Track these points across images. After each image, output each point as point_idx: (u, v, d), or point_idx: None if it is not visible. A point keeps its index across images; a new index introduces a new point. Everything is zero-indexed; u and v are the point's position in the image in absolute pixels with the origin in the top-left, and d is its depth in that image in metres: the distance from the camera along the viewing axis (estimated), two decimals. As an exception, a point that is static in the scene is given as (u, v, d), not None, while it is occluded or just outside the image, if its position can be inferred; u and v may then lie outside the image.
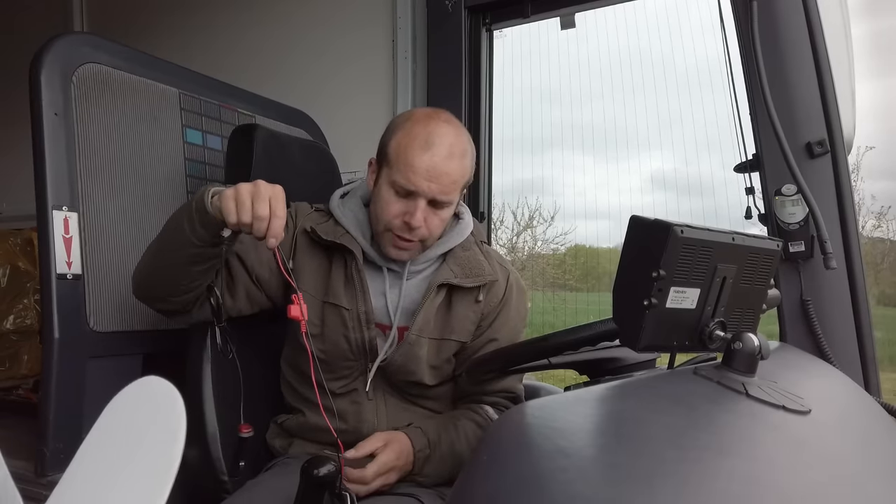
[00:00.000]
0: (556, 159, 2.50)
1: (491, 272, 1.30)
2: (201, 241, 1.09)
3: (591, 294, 4.32)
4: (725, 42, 1.52)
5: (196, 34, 2.52)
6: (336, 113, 2.15)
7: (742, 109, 1.50)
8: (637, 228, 0.76)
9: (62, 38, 1.42)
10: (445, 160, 1.17)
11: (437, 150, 1.17)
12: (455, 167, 1.19)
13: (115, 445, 0.61)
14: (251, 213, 1.01)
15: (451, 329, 1.28)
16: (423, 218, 1.19)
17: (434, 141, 1.18)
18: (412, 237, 1.21)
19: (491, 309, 1.31)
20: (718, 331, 0.79)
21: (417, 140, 1.18)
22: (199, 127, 1.73)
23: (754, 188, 1.49)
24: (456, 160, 1.19)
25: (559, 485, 0.52)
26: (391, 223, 1.21)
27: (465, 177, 1.23)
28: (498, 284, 1.32)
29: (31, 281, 2.22)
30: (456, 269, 1.27)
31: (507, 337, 1.32)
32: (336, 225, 1.29)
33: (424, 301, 1.25)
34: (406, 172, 1.17)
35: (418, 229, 1.19)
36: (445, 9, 1.93)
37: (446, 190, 1.19)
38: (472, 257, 1.30)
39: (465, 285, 1.26)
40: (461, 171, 1.21)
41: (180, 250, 1.11)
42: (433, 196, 1.18)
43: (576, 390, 0.89)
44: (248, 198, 1.01)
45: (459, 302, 1.28)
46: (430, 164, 1.16)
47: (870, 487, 0.62)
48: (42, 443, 1.35)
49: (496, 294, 1.31)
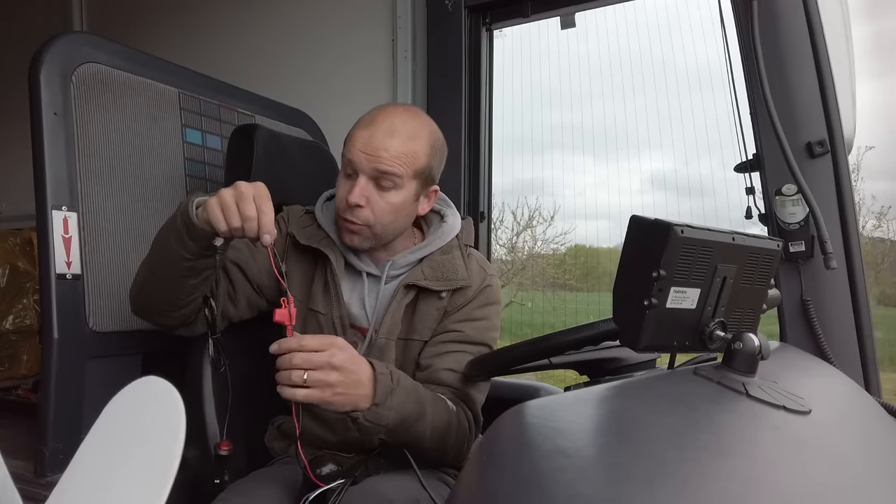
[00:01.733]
0: (556, 159, 2.50)
1: (464, 277, 1.27)
2: (193, 254, 1.08)
3: (591, 294, 4.32)
4: (725, 42, 1.52)
5: (196, 34, 2.52)
6: (336, 113, 2.15)
7: (742, 109, 1.50)
8: (637, 228, 0.76)
9: (62, 38, 1.42)
10: (384, 135, 1.16)
11: (377, 126, 1.18)
12: (396, 144, 1.16)
13: (115, 445, 0.61)
14: (238, 215, 1.00)
15: (414, 329, 1.27)
16: (361, 195, 1.17)
17: (376, 119, 1.19)
18: (353, 218, 1.19)
19: (455, 307, 1.27)
20: (719, 331, 0.79)
21: (363, 119, 1.21)
22: (198, 127, 1.73)
23: (754, 188, 1.49)
24: (398, 138, 1.17)
25: (559, 485, 0.51)
26: (339, 205, 1.21)
27: (411, 157, 1.18)
28: (470, 289, 1.28)
29: (30, 281, 2.22)
30: (427, 272, 1.25)
31: (473, 333, 1.26)
32: (319, 228, 1.29)
33: (391, 303, 1.24)
34: (347, 149, 1.19)
35: (358, 209, 1.18)
36: (445, 8, 1.93)
37: (383, 165, 1.15)
38: (449, 262, 1.27)
39: (431, 288, 1.24)
40: (404, 148, 1.17)
41: (173, 266, 1.10)
42: (370, 171, 1.16)
43: (576, 390, 0.89)
44: (233, 201, 1.00)
45: (424, 302, 1.26)
46: (367, 138, 1.17)
47: (870, 487, 0.62)
48: (41, 443, 1.35)
49: (464, 295, 1.27)
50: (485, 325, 1.28)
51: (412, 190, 1.22)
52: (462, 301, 1.27)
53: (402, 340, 1.27)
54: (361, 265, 1.28)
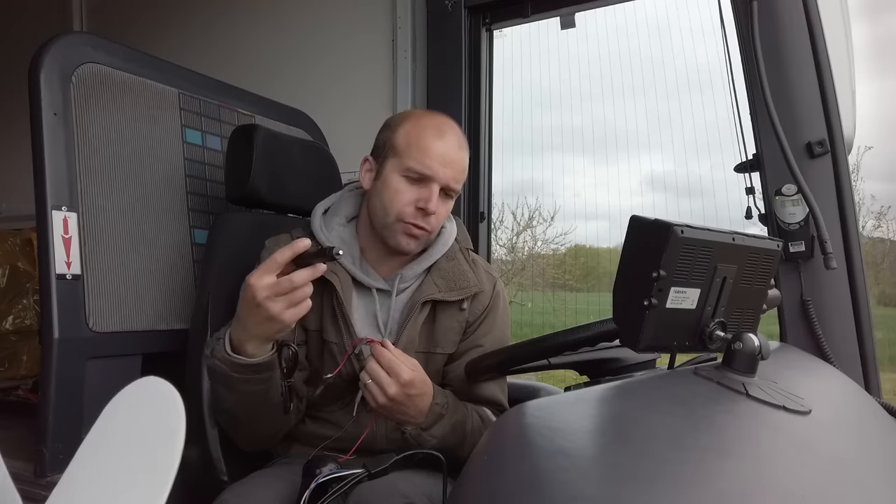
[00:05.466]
0: (556, 159, 2.50)
1: (476, 283, 1.29)
2: (266, 376, 1.08)
3: (591, 294, 4.32)
4: (725, 42, 1.52)
5: (195, 34, 2.52)
6: (336, 113, 2.15)
7: (742, 109, 1.49)
8: (637, 228, 0.76)
9: (62, 38, 1.42)
10: (457, 149, 1.23)
11: (449, 139, 1.22)
12: (464, 157, 1.25)
13: (115, 446, 0.61)
14: (285, 317, 1.00)
15: (435, 342, 1.27)
16: (437, 203, 1.20)
17: (445, 130, 1.23)
18: (425, 224, 1.21)
19: (476, 317, 1.30)
20: (718, 331, 0.79)
21: (429, 129, 1.22)
22: (198, 127, 1.73)
23: (754, 188, 1.49)
24: (464, 151, 1.26)
25: (559, 485, 0.51)
26: (403, 211, 1.20)
27: (467, 169, 1.27)
28: (483, 294, 1.30)
29: (30, 281, 2.22)
30: (440, 283, 1.26)
31: (492, 344, 1.29)
32: None
33: (408, 320, 1.23)
34: (422, 158, 1.19)
35: (432, 216, 1.21)
36: (445, 9, 1.93)
37: (458, 177, 1.23)
38: (457, 268, 1.29)
39: (449, 299, 1.25)
40: (466, 162, 1.26)
41: (259, 403, 1.11)
42: (447, 182, 1.20)
43: (576, 390, 0.89)
44: (268, 311, 0.99)
45: (443, 314, 1.27)
46: (444, 150, 1.20)
47: (870, 487, 0.62)
48: (41, 443, 1.34)
49: (481, 302, 1.30)
50: (501, 332, 1.34)
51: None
52: (480, 309, 1.30)
53: (422, 353, 1.26)
54: (371, 281, 1.26)
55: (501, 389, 1.33)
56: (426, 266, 1.28)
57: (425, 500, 1.02)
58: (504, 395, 1.34)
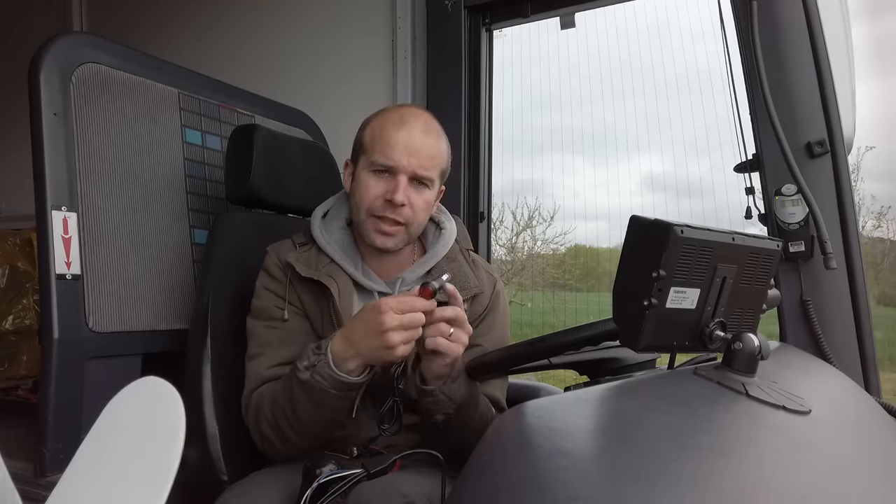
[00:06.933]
0: (556, 160, 2.50)
1: (476, 283, 1.29)
2: (355, 394, 1.12)
3: (591, 294, 4.32)
4: (725, 42, 1.52)
5: (195, 34, 2.52)
6: (336, 113, 2.14)
7: (742, 109, 1.50)
8: (637, 228, 0.76)
9: (61, 38, 1.42)
10: (422, 135, 1.20)
11: (412, 126, 1.20)
12: (432, 143, 1.21)
13: (115, 446, 0.61)
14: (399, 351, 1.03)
15: None
16: (405, 195, 1.18)
17: (408, 119, 1.21)
18: (396, 216, 1.19)
19: (476, 317, 1.29)
20: (718, 331, 0.79)
21: (391, 120, 1.21)
22: (198, 127, 1.73)
23: (754, 188, 1.49)
24: (432, 137, 1.22)
25: (559, 485, 0.51)
26: (372, 205, 1.20)
27: (442, 157, 1.24)
28: (484, 294, 1.30)
29: (30, 281, 2.22)
30: None
31: (492, 344, 1.29)
32: (319, 253, 1.26)
33: None
34: (384, 150, 1.18)
35: (402, 207, 1.19)
36: (445, 9, 1.93)
37: (425, 164, 1.20)
38: (457, 269, 1.28)
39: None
40: (437, 149, 1.23)
41: (338, 417, 1.14)
42: (413, 171, 1.19)
43: (576, 390, 0.89)
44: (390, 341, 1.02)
45: None
46: (407, 139, 1.19)
47: (870, 487, 0.62)
48: (41, 443, 1.34)
49: (481, 303, 1.30)
50: (501, 332, 1.33)
51: (436, 188, 1.26)
52: (479, 310, 1.29)
53: None
54: (372, 284, 1.26)
55: (501, 389, 1.33)
56: (427, 268, 1.28)
57: (425, 500, 1.02)
58: (503, 395, 1.34)
